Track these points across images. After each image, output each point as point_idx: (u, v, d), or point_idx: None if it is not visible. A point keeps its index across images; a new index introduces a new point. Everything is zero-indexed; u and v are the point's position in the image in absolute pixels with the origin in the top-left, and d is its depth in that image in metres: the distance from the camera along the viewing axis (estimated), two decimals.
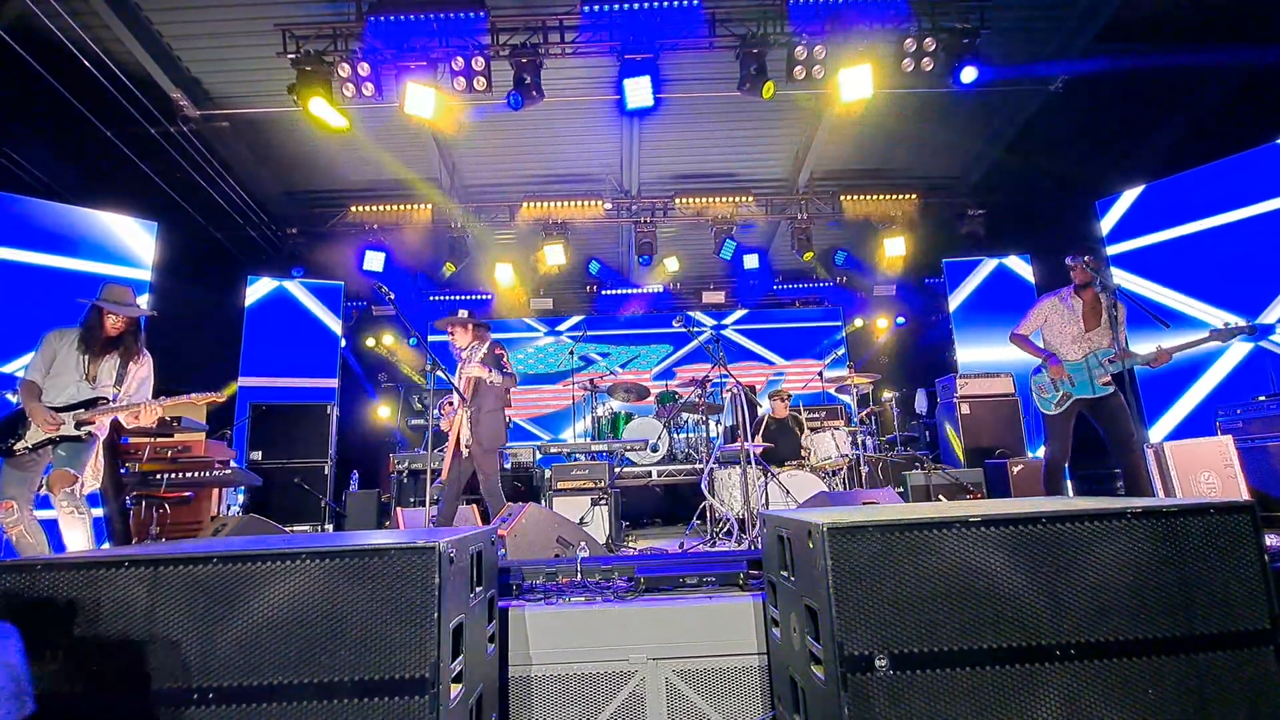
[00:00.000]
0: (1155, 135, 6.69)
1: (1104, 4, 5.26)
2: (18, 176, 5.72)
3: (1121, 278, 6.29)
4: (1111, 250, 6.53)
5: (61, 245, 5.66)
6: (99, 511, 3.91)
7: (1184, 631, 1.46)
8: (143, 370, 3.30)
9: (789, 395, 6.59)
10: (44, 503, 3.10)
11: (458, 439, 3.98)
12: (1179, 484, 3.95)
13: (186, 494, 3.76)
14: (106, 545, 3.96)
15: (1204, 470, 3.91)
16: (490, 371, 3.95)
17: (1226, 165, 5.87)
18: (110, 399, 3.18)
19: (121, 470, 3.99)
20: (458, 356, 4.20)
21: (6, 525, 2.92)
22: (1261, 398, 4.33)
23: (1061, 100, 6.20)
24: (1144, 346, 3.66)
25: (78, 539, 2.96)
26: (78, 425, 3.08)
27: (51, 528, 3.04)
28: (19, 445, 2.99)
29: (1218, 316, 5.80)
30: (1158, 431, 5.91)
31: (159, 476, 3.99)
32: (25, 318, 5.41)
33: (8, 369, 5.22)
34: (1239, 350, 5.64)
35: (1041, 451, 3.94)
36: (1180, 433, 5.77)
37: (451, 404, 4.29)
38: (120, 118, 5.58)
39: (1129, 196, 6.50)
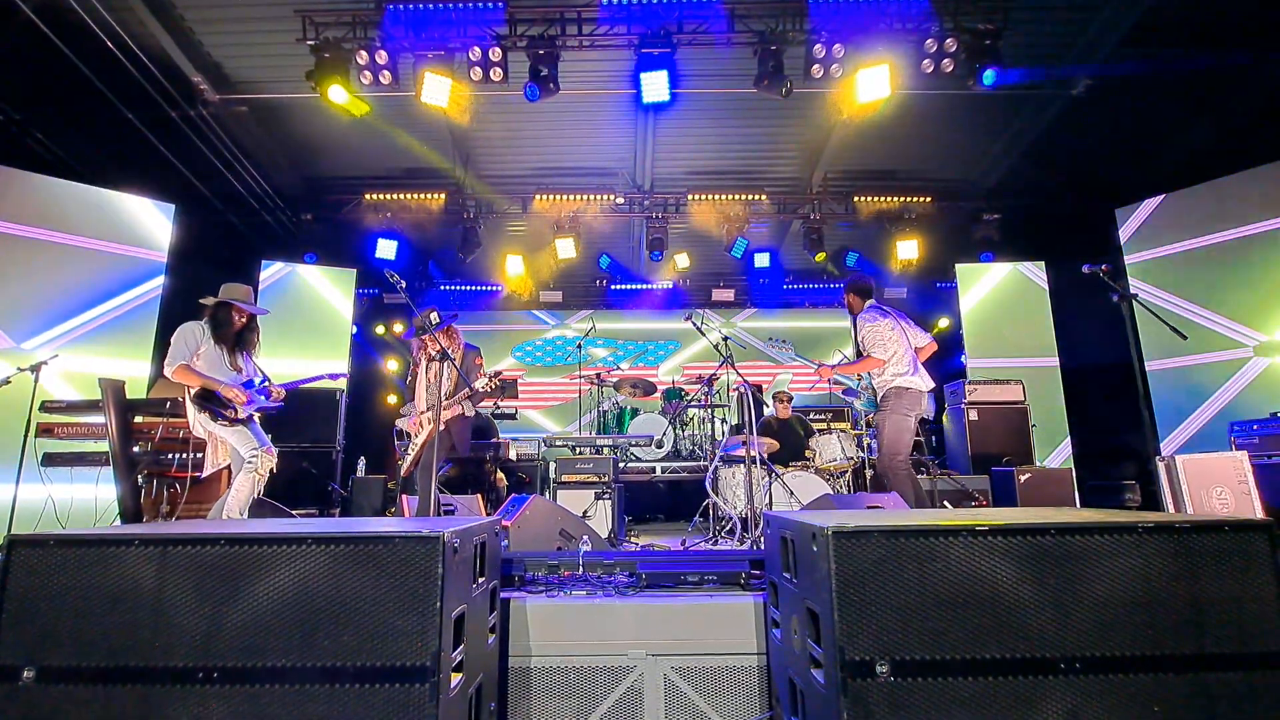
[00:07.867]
0: (1179, 143, 6.56)
1: (1131, 7, 5.16)
2: (41, 156, 5.78)
3: (1140, 288, 6.19)
4: (1130, 259, 6.43)
5: (83, 225, 5.73)
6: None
7: (1194, 650, 1.44)
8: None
9: (790, 396, 6.58)
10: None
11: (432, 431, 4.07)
12: (1190, 498, 3.90)
13: (197, 474, 3.80)
14: (117, 522, 4.02)
15: (1217, 485, 3.86)
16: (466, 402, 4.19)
17: (1252, 176, 5.77)
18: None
19: (133, 449, 4.04)
20: (423, 356, 4.24)
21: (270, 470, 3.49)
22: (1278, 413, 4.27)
23: (1083, 105, 6.09)
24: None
25: (244, 487, 3.50)
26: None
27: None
28: (241, 414, 3.56)
29: (1236, 330, 5.71)
30: (1169, 446, 5.84)
31: (170, 456, 4.03)
32: (46, 295, 5.49)
33: (30, 344, 5.30)
34: (1254, 367, 5.55)
35: (1049, 461, 3.89)
36: (1192, 447, 5.69)
37: (421, 412, 4.28)
38: (141, 100, 5.62)
39: (1150, 205, 6.40)
